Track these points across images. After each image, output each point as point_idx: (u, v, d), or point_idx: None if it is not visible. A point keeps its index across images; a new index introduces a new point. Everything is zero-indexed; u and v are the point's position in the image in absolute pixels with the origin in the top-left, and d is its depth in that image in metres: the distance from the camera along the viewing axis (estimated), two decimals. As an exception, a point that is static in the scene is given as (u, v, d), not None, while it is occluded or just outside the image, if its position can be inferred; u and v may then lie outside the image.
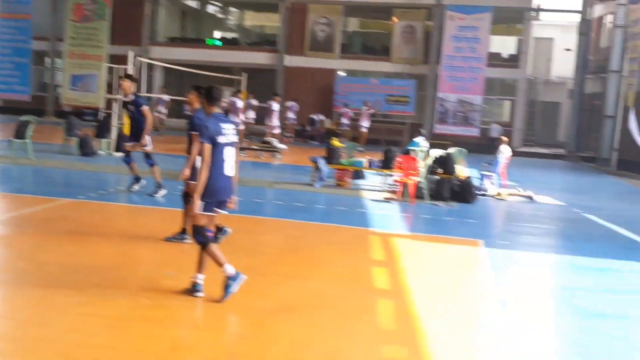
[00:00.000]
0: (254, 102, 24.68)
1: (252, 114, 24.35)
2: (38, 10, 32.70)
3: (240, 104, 21.39)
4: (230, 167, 6.22)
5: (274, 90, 29.19)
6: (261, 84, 30.13)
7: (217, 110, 6.30)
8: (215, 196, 6.17)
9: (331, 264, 7.92)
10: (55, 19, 32.82)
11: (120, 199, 11.64)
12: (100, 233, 8.58)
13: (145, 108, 11.15)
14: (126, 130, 16.35)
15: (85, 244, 7.94)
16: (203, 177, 6.05)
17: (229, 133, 6.20)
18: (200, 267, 6.32)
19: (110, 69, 21.05)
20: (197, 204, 6.11)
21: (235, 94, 22.53)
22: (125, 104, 11.52)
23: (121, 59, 18.43)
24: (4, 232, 8.59)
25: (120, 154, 16.81)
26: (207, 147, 6.03)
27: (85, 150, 16.48)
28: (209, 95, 6.32)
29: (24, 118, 15.70)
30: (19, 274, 6.75)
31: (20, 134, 15.16)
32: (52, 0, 32.81)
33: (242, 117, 21.77)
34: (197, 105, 8.01)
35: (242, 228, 8.84)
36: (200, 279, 6.29)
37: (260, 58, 31.63)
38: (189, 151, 7.89)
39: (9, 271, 6.86)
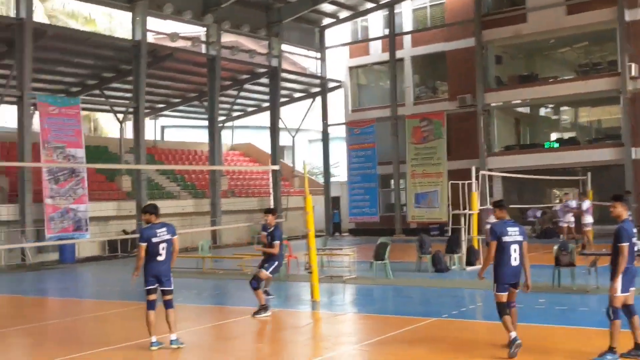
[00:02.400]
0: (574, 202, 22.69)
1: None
2: (381, 138, 35.65)
3: (586, 205, 20.51)
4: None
5: (623, 187, 27.15)
6: (607, 181, 28.34)
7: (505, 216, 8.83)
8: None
9: None
10: (397, 144, 35.31)
11: (480, 316, 11.54)
12: (473, 353, 8.51)
13: (276, 242, 11.79)
14: (475, 243, 16.45)
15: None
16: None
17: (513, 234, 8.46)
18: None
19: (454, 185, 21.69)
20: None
21: (581, 195, 21.54)
22: (268, 233, 12.03)
23: (459, 173, 18.93)
24: (376, 354, 9.00)
25: (471, 268, 16.93)
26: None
27: (439, 266, 16.93)
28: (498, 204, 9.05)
29: (381, 240, 16.80)
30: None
31: (379, 255, 16.21)
32: (393, 127, 35.45)
33: (589, 218, 20.72)
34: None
35: None
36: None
37: (603, 154, 29.93)
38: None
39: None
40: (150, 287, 9.42)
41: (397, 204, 35.64)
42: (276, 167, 18.72)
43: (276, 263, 11.94)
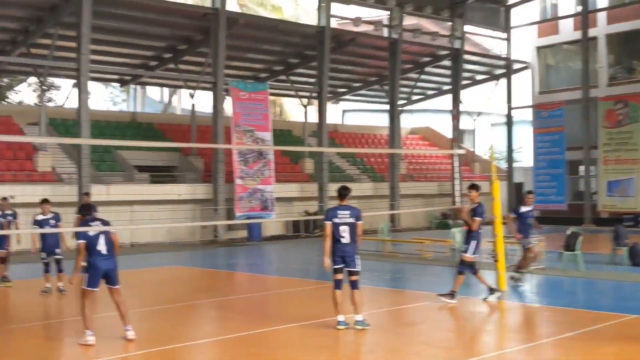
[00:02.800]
0: None
1: None
2: (569, 122, 33.64)
3: None
4: None
5: None
6: None
7: None
8: None
9: None
10: (588, 128, 33.19)
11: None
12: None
13: (477, 219, 11.46)
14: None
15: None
16: None
17: None
18: None
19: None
20: None
21: None
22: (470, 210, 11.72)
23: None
24: (571, 349, 8.49)
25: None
26: None
27: (636, 260, 15.68)
28: None
29: (572, 229, 15.87)
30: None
31: (569, 245, 15.32)
32: (584, 110, 33.34)
33: None
34: None
35: None
36: None
37: None
38: None
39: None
40: (336, 267, 9.57)
41: (587, 192, 33.54)
42: (461, 151, 18.29)
43: (475, 242, 11.55)
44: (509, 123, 38.11)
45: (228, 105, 28.25)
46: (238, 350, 8.75)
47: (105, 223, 9.19)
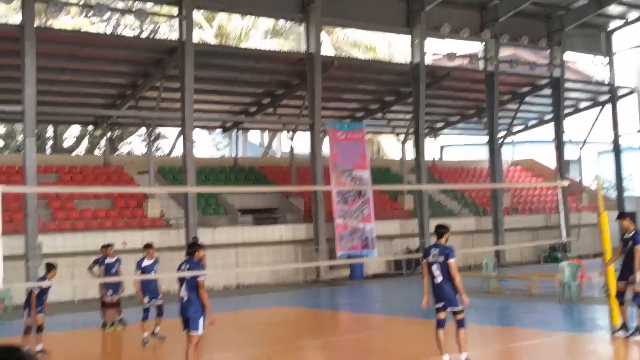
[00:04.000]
0: None
1: None
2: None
3: None
4: None
5: None
6: None
7: None
8: None
9: None
10: None
11: None
12: None
13: (638, 247, 10.83)
14: None
15: None
16: None
17: None
18: None
19: None
20: None
21: None
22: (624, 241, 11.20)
23: None
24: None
25: None
26: None
27: None
28: None
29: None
30: None
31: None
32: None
33: None
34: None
35: None
36: None
37: None
38: None
39: None
40: (436, 306, 9.45)
41: None
42: (565, 183, 17.64)
43: None
44: (617, 150, 36.60)
45: (326, 146, 28.68)
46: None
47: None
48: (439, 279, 9.36)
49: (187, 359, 8.67)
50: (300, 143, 35.01)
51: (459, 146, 47.97)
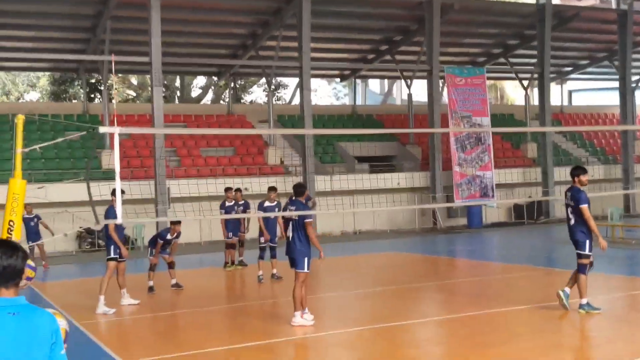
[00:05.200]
0: None
1: None
2: None
3: None
4: None
5: None
6: None
7: None
8: None
9: None
10: None
11: None
12: None
13: None
14: None
15: None
16: None
17: None
18: None
19: None
20: None
21: None
22: None
23: None
24: None
25: None
26: None
27: None
28: None
29: None
30: None
31: None
32: None
33: None
34: None
35: None
36: None
37: None
38: None
39: None
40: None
41: None
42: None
43: None
44: None
45: (444, 92, 28.16)
46: (462, 330, 8.78)
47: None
48: (572, 221, 9.32)
49: (294, 295, 8.97)
50: (419, 90, 34.58)
51: (588, 91, 45.57)
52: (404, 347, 8.05)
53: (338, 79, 39.23)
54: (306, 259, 9.02)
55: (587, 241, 9.19)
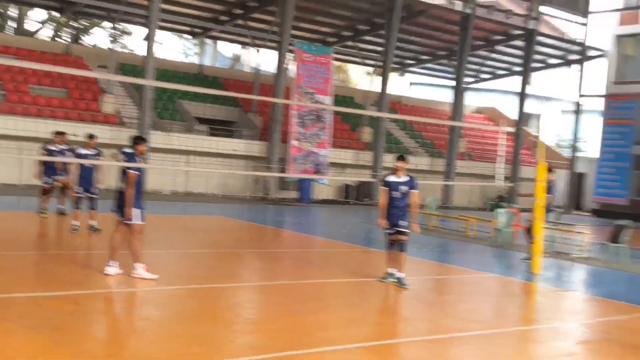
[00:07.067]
0: None
1: None
2: (641, 115, 32.58)
3: None
4: None
5: None
6: None
7: None
8: None
9: None
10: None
11: None
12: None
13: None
14: None
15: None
16: None
17: None
18: None
19: None
20: None
21: None
22: None
23: None
24: (590, 336, 8.45)
25: None
26: None
27: (684, 260, 15.24)
28: None
29: (620, 222, 15.52)
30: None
31: (615, 237, 15.01)
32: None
33: None
34: None
35: None
36: None
37: None
38: None
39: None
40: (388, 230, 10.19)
41: (645, 189, 32.55)
42: (510, 129, 17.92)
43: None
44: (578, 111, 37.10)
45: (292, 67, 28.44)
46: (276, 297, 8.99)
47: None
48: (399, 205, 10.03)
49: (129, 246, 8.96)
50: (268, 61, 34.62)
51: (426, 86, 48.05)
52: (215, 309, 8.12)
53: (190, 37, 38.28)
54: (137, 211, 8.94)
55: (408, 223, 10.06)
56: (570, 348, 7.75)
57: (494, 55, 36.51)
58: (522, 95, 34.45)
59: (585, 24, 36.41)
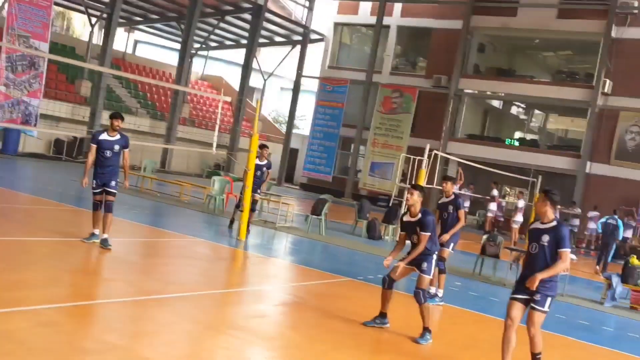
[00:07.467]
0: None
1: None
2: (351, 100, 35.45)
3: (521, 204, 22.56)
4: None
5: (571, 197, 27.80)
6: (557, 188, 28.74)
7: None
8: None
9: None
10: (365, 109, 35.01)
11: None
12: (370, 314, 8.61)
13: (462, 211, 10.33)
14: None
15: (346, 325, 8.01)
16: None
17: None
18: None
19: (407, 159, 21.66)
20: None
21: (519, 194, 23.19)
22: (441, 205, 10.49)
23: (419, 151, 18.82)
24: (285, 299, 9.09)
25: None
26: None
27: (372, 233, 17.07)
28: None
29: (322, 196, 16.83)
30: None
31: (317, 210, 16.25)
32: (365, 92, 35.10)
33: (519, 217, 22.60)
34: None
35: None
36: None
37: (559, 162, 30.31)
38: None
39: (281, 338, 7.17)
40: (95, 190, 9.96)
41: (353, 169, 35.65)
42: (227, 98, 18.25)
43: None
44: (296, 89, 39.17)
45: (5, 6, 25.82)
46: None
47: None
48: (110, 163, 9.89)
49: None
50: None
51: (153, 45, 46.93)
52: None
53: None
54: None
55: (116, 183, 9.99)
56: (266, 310, 8.25)
57: (223, 25, 36.89)
58: (247, 68, 35.39)
59: (310, 8, 38.48)
